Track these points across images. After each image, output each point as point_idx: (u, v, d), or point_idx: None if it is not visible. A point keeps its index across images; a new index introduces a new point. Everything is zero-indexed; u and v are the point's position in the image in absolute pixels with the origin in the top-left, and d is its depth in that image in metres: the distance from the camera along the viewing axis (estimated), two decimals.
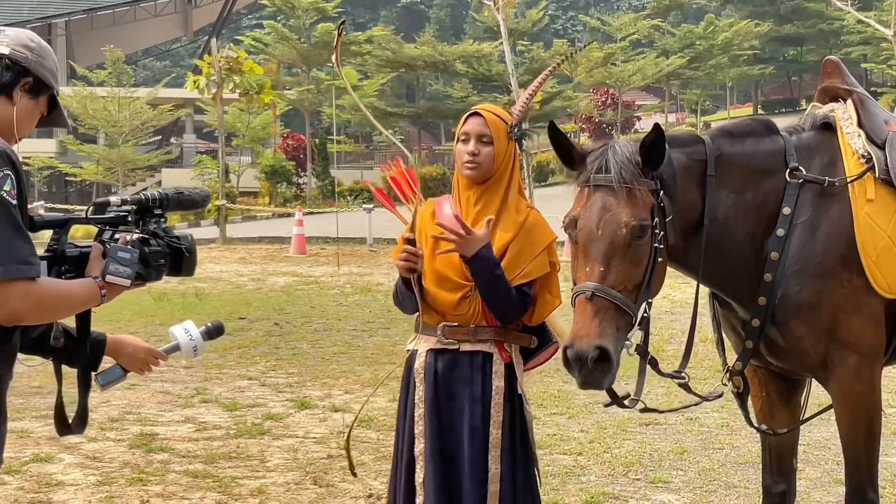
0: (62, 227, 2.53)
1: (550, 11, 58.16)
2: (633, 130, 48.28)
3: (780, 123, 3.71)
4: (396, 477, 3.40)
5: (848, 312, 3.38)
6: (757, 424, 3.72)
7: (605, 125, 48.37)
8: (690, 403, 3.68)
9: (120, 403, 7.25)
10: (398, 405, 3.46)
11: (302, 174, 38.03)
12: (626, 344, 3.07)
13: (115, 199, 2.64)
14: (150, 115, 36.02)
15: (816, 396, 4.00)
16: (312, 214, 26.51)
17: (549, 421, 6.79)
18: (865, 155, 3.50)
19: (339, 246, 18.49)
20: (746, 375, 3.63)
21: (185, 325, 2.94)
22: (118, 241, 2.55)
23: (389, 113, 47.09)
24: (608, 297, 3.01)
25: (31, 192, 3.60)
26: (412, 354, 3.40)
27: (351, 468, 3.82)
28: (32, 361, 2.84)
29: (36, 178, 41.13)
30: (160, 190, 2.69)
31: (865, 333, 3.41)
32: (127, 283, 2.51)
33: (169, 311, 11.93)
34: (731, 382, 3.62)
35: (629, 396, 3.27)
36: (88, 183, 42.07)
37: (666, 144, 3.14)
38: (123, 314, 10.96)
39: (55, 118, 2.66)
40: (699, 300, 3.64)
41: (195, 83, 25.81)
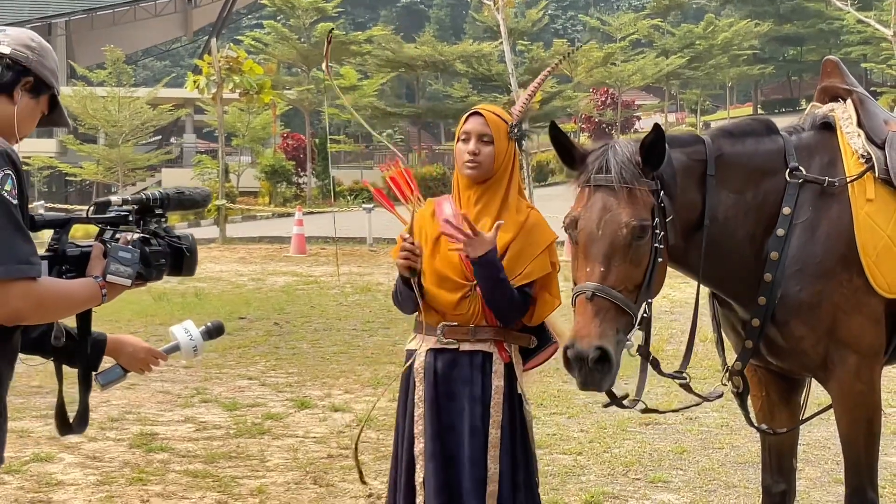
0: (63, 226, 2.54)
1: (550, 11, 58.11)
2: (632, 130, 48.24)
3: (780, 123, 3.71)
4: (396, 476, 3.40)
5: (848, 312, 3.38)
6: (757, 424, 3.72)
7: (604, 125, 48.33)
8: (691, 403, 3.68)
9: (120, 403, 7.25)
10: (398, 405, 3.47)
11: (302, 174, 38.03)
12: (626, 344, 3.08)
13: (115, 198, 2.64)
14: (150, 114, 35.96)
15: (816, 396, 4.01)
16: (312, 214, 26.48)
17: (548, 421, 6.79)
18: (865, 155, 3.50)
19: (338, 246, 18.47)
20: (746, 375, 3.63)
21: (185, 324, 2.95)
22: (119, 240, 2.55)
23: (389, 113, 47.10)
24: (608, 297, 3.01)
25: (31, 191, 3.60)
26: (412, 354, 3.40)
27: (361, 478, 3.81)
28: (33, 361, 2.84)
29: (36, 177, 41.07)
30: (161, 190, 2.69)
31: (865, 333, 3.42)
32: (128, 282, 2.51)
33: (169, 310, 11.92)
34: (730, 382, 3.62)
35: (628, 397, 3.28)
36: (88, 183, 42.04)
37: (666, 144, 3.14)
38: (123, 314, 10.95)
39: (56, 118, 2.66)
40: (699, 300, 3.64)
41: (195, 83, 25.79)
